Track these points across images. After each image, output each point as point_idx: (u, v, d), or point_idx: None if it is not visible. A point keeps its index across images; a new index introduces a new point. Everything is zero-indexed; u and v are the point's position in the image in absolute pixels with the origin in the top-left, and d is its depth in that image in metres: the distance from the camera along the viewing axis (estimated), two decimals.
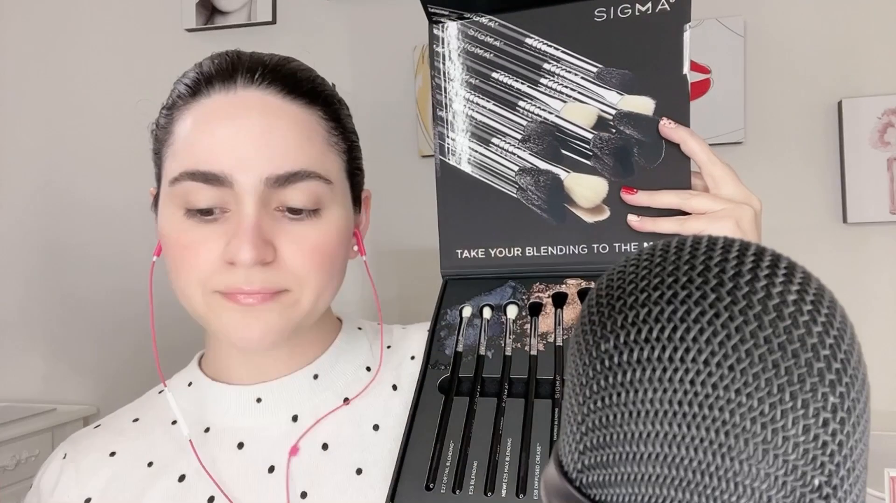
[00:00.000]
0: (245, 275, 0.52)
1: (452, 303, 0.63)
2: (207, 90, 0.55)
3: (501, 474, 0.50)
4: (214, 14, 1.62)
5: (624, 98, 0.60)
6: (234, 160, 0.52)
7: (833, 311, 0.23)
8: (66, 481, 0.60)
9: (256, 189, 0.52)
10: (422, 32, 1.49)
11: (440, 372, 0.58)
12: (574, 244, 0.62)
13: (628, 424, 0.24)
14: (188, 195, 0.53)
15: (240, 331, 0.54)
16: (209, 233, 0.53)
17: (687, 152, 0.58)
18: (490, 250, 0.64)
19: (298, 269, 0.54)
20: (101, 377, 1.70)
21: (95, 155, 1.71)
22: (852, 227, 1.34)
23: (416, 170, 1.50)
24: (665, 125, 0.58)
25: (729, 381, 0.22)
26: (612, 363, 0.24)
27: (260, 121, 0.53)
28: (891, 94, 1.31)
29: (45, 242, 1.75)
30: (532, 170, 0.62)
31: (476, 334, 0.60)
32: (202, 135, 0.53)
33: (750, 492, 0.22)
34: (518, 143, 0.63)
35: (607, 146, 0.61)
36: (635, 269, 0.26)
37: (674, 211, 0.58)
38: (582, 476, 0.26)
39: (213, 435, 0.59)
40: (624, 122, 0.60)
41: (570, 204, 0.62)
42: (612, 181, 0.60)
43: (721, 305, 0.23)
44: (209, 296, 0.54)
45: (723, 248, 0.25)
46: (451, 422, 0.54)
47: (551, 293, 0.61)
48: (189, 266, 0.54)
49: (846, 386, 0.22)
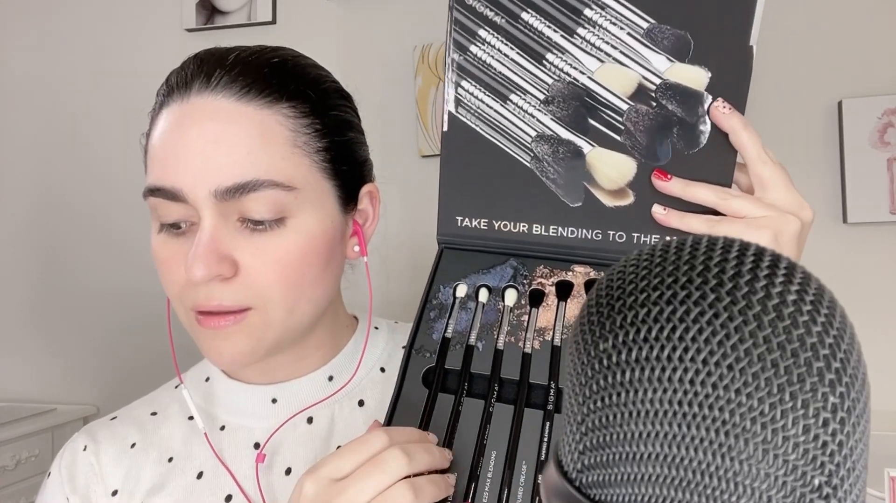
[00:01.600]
0: (205, 292, 0.51)
1: (447, 278, 0.57)
2: (168, 100, 0.53)
3: (482, 492, 0.48)
4: (214, 14, 1.62)
5: (674, 66, 0.51)
6: (183, 174, 0.50)
7: (833, 311, 0.23)
8: (86, 472, 0.59)
9: (208, 202, 0.50)
10: (422, 32, 1.49)
11: (425, 359, 0.54)
12: (588, 228, 0.55)
13: (628, 424, 0.24)
14: (158, 210, 0.52)
15: (211, 353, 0.53)
16: (178, 248, 0.52)
17: (735, 145, 0.51)
18: (494, 222, 0.57)
19: (261, 284, 0.51)
20: (101, 377, 1.70)
21: (95, 155, 1.71)
22: (852, 227, 1.34)
23: (416, 170, 1.50)
24: (718, 108, 0.50)
25: (729, 381, 0.22)
26: (612, 362, 0.24)
27: (209, 128, 0.50)
28: (891, 94, 1.31)
29: (46, 243, 1.75)
30: (552, 138, 0.54)
31: (469, 319, 0.55)
32: (159, 149, 0.52)
33: (750, 492, 0.22)
34: (540, 104, 0.54)
35: (643, 121, 0.52)
36: (635, 269, 0.26)
37: (705, 208, 0.51)
38: (582, 476, 0.26)
39: (228, 433, 0.59)
40: (668, 96, 0.52)
41: (589, 182, 0.54)
42: (641, 163, 0.53)
43: (721, 305, 0.23)
44: (189, 316, 0.53)
45: (723, 248, 0.25)
46: (434, 423, 0.51)
47: (555, 281, 0.56)
48: (168, 282, 0.53)
49: (846, 386, 0.22)
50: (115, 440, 0.60)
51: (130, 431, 0.61)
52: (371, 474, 0.42)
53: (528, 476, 0.48)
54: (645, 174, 0.53)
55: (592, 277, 0.55)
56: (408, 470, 0.43)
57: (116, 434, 0.61)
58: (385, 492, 0.42)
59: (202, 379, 0.63)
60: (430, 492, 0.44)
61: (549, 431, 0.49)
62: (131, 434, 0.60)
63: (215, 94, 0.51)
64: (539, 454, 0.48)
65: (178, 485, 0.57)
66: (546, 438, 0.49)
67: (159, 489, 0.57)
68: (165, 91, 0.54)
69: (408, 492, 0.42)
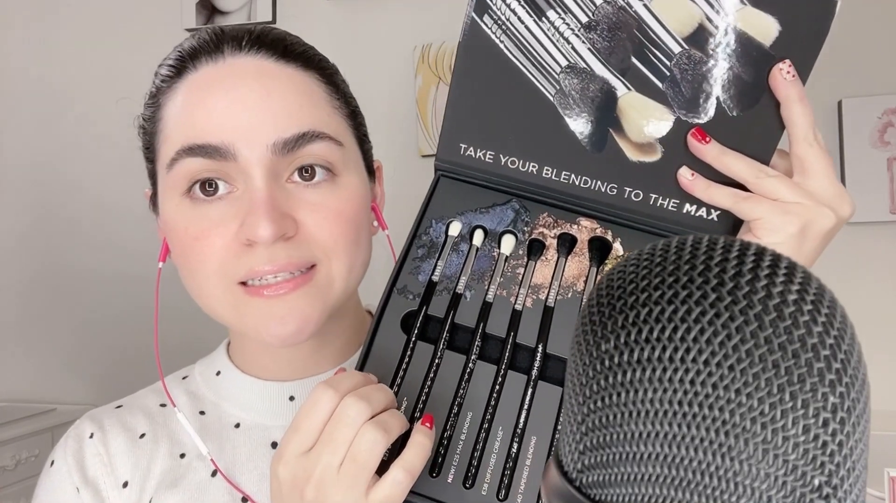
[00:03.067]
0: (267, 255, 0.48)
1: (440, 212, 0.52)
2: (194, 64, 0.51)
3: (452, 455, 0.44)
4: (214, 14, 1.63)
5: (745, 9, 0.44)
6: (234, 131, 0.48)
7: (833, 311, 0.23)
8: (94, 462, 0.56)
9: (263, 159, 0.48)
10: (422, 32, 1.49)
11: (406, 301, 0.49)
12: (603, 180, 0.49)
13: (628, 424, 0.24)
14: (189, 174, 0.49)
15: (271, 327, 0.49)
16: (219, 216, 0.49)
17: (785, 118, 0.45)
18: (500, 156, 0.51)
19: (325, 238, 0.50)
20: (100, 377, 1.70)
21: (95, 156, 1.71)
22: (852, 227, 1.34)
23: (416, 170, 1.50)
24: (782, 71, 0.44)
25: (729, 381, 0.22)
26: (613, 363, 0.24)
27: (256, 85, 0.49)
28: (891, 94, 1.31)
29: (45, 244, 1.74)
30: (584, 72, 0.47)
31: (459, 263, 0.50)
32: (195, 108, 0.49)
33: (750, 492, 0.22)
34: (580, 28, 0.46)
35: (692, 71, 0.45)
36: (636, 269, 0.26)
37: (733, 181, 0.46)
38: (582, 476, 0.26)
39: (243, 431, 0.56)
40: (729, 44, 0.44)
41: (616, 130, 0.48)
42: (679, 118, 0.47)
43: (721, 305, 0.23)
44: (232, 291, 0.50)
45: (723, 248, 0.25)
46: (409, 376, 0.47)
47: (558, 232, 0.51)
48: (204, 257, 0.49)
49: (846, 386, 0.22)
50: (123, 429, 0.57)
51: (139, 421, 0.58)
52: (335, 431, 0.41)
53: (502, 443, 0.45)
54: (679, 131, 0.47)
55: (599, 234, 0.51)
56: (369, 412, 0.41)
57: (125, 422, 0.58)
58: (355, 442, 0.41)
59: (212, 373, 0.60)
60: (396, 425, 0.43)
61: (531, 399, 0.46)
62: (140, 424, 0.58)
63: (253, 55, 0.50)
64: (517, 422, 0.45)
65: (191, 482, 0.54)
66: (527, 406, 0.45)
67: (172, 485, 0.54)
68: (176, 62, 0.52)
69: (377, 432, 0.41)
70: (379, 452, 0.41)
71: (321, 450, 0.41)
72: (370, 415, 0.42)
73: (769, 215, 0.44)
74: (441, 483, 0.44)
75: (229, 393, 0.58)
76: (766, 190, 0.45)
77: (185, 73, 0.51)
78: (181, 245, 0.50)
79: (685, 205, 0.49)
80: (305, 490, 0.42)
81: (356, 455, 0.41)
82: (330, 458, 0.41)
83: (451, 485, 0.44)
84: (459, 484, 0.44)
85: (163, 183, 0.52)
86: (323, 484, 0.41)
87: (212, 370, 0.61)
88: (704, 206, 0.49)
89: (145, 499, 0.54)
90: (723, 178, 0.47)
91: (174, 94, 0.51)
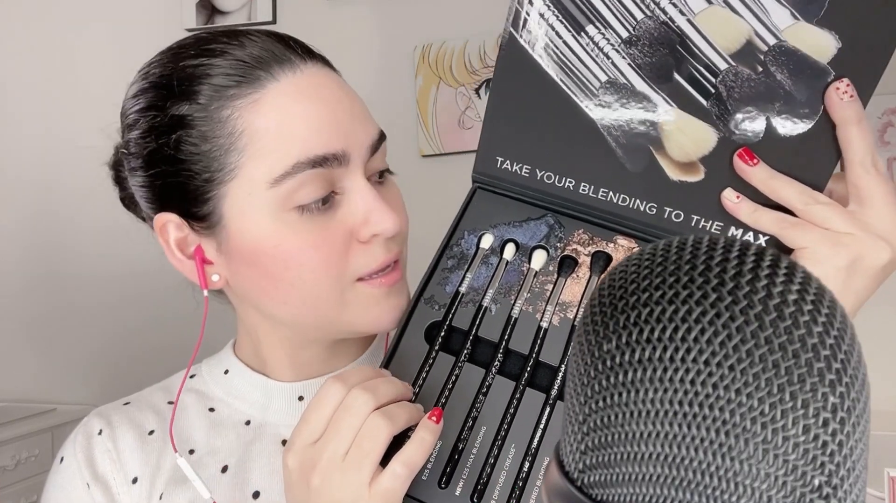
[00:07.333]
0: (385, 246, 0.51)
1: (473, 224, 0.52)
2: (272, 74, 0.48)
3: (462, 468, 0.44)
4: (214, 14, 1.62)
5: (798, 25, 0.41)
6: (346, 137, 0.49)
7: (833, 311, 0.23)
8: (104, 458, 0.56)
9: (365, 160, 0.51)
10: (422, 32, 1.49)
11: (432, 311, 0.50)
12: (643, 199, 0.48)
13: (629, 424, 0.24)
14: (304, 187, 0.48)
15: (385, 313, 0.52)
16: (334, 221, 0.50)
17: (841, 140, 0.42)
18: (537, 171, 0.50)
19: (406, 232, 0.54)
20: (100, 377, 1.70)
21: (95, 157, 1.71)
22: None
23: (416, 170, 1.50)
24: (838, 90, 0.41)
25: (729, 381, 0.22)
26: (614, 363, 0.24)
27: (340, 92, 0.51)
28: (891, 94, 1.31)
29: (45, 243, 1.74)
30: (624, 88, 0.46)
31: (487, 276, 0.50)
32: (301, 120, 0.48)
33: (750, 492, 0.22)
34: (620, 43, 0.45)
35: (741, 88, 0.43)
36: (637, 269, 0.26)
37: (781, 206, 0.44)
38: (583, 476, 0.26)
39: (253, 429, 0.57)
40: (780, 61, 0.42)
41: (657, 148, 0.46)
42: (724, 137, 0.45)
43: (722, 305, 0.23)
44: (350, 289, 0.51)
45: (724, 248, 0.25)
46: (427, 385, 0.47)
47: (593, 250, 0.49)
48: (326, 265, 0.49)
49: (846, 386, 0.23)
50: (131, 425, 0.58)
51: (148, 418, 0.58)
52: (342, 421, 0.42)
53: (514, 461, 0.44)
54: (724, 150, 0.45)
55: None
56: (374, 402, 0.43)
57: (133, 419, 0.58)
58: (361, 431, 0.42)
59: (220, 371, 0.61)
60: (403, 415, 0.43)
61: (548, 418, 0.45)
62: (149, 421, 0.58)
63: (314, 64, 0.52)
64: (531, 440, 0.45)
65: (201, 478, 0.55)
66: (543, 425, 0.45)
67: (182, 481, 0.54)
68: (251, 67, 0.48)
69: (381, 420, 0.42)
70: (382, 440, 0.42)
71: (328, 439, 0.43)
72: (376, 404, 0.43)
73: (816, 245, 0.42)
74: (449, 495, 0.44)
75: (239, 391, 0.59)
76: (816, 217, 0.42)
77: (259, 83, 0.48)
78: (283, 260, 0.49)
79: (730, 228, 0.47)
80: (312, 477, 0.43)
81: (360, 442, 0.42)
82: (336, 447, 0.42)
83: (458, 497, 0.43)
84: (467, 498, 0.44)
85: (261, 198, 0.48)
86: (328, 471, 0.42)
87: (220, 369, 0.61)
88: (751, 231, 0.47)
89: (155, 496, 0.54)
90: (769, 201, 0.44)
91: (258, 106, 0.48)
